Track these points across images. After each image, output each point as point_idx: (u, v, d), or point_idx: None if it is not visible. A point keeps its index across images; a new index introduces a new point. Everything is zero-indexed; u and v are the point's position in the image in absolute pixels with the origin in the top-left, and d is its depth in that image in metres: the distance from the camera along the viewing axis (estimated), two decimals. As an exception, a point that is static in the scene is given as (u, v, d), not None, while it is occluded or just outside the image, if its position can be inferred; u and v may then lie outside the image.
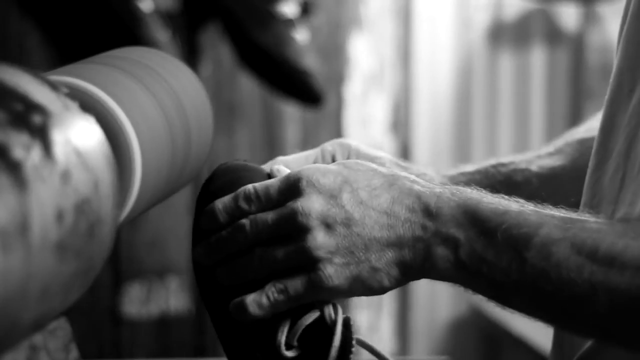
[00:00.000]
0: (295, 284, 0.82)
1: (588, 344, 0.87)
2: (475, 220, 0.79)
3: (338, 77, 2.44)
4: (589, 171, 0.90)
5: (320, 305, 0.83)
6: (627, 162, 0.84)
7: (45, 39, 1.92)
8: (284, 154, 2.34)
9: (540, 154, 1.06)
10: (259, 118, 2.32)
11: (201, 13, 2.11)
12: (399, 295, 2.64)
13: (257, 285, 0.83)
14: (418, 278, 0.83)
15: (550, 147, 1.07)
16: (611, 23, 2.61)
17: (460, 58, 2.64)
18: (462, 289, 0.82)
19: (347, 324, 0.83)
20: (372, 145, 1.02)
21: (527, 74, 2.67)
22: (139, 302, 2.17)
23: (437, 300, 2.65)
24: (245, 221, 0.83)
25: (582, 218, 0.78)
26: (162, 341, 2.20)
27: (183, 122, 0.88)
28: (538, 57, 2.67)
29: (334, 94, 2.41)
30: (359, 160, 0.85)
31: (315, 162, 0.99)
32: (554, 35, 2.66)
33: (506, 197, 0.82)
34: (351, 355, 0.83)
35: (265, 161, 0.98)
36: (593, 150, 0.90)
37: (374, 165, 0.85)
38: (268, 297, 0.82)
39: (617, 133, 0.86)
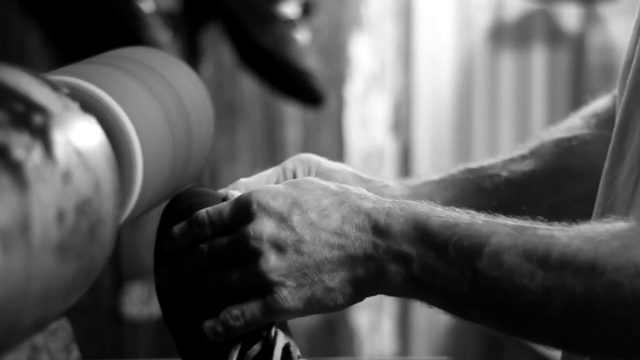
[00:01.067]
0: (251, 309, 0.83)
1: None
2: (425, 234, 0.80)
3: (339, 78, 2.44)
4: (603, 172, 0.89)
5: (266, 329, 0.84)
6: None
7: (46, 39, 1.92)
8: (285, 154, 2.35)
9: (513, 157, 1.05)
10: (260, 118, 2.32)
11: (202, 13, 2.10)
12: (400, 295, 2.64)
13: (218, 307, 0.84)
14: (373, 294, 0.84)
15: (525, 149, 1.06)
16: (612, 23, 2.61)
17: (461, 58, 2.64)
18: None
19: (286, 350, 0.84)
20: (373, 146, 1.02)
21: (528, 74, 2.67)
22: (140, 302, 2.17)
23: (438, 301, 2.65)
24: (202, 246, 0.85)
25: (534, 225, 0.79)
26: (163, 342, 2.20)
27: (184, 122, 0.88)
28: (539, 58, 2.67)
29: (335, 94, 2.41)
30: (310, 178, 0.86)
31: (277, 181, 1.00)
32: (555, 35, 2.66)
33: (457, 209, 0.82)
34: None
35: (266, 162, 0.98)
36: (608, 152, 0.89)
37: (324, 183, 0.85)
38: (224, 324, 0.83)
39: (632, 135, 0.86)
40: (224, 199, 0.90)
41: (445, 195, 1.02)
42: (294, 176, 1.00)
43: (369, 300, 2.44)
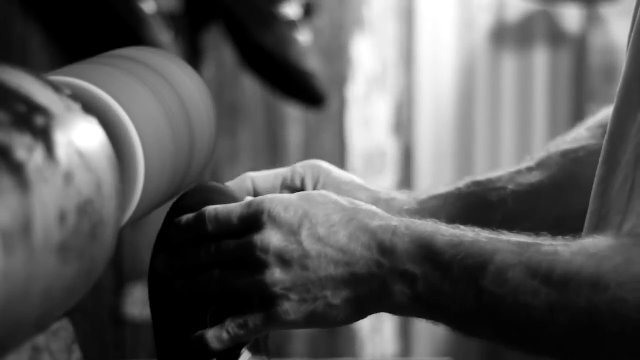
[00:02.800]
0: (255, 319, 0.84)
1: None
2: (430, 253, 0.80)
3: (341, 79, 2.44)
4: (596, 180, 0.89)
5: (239, 347, 0.86)
6: (636, 172, 0.84)
7: (48, 40, 1.92)
8: (286, 155, 2.35)
9: (520, 169, 1.05)
10: (262, 119, 2.32)
11: (204, 14, 2.11)
12: (402, 296, 2.63)
13: (209, 303, 0.86)
14: (376, 312, 0.84)
15: (532, 161, 1.06)
16: (614, 24, 2.61)
17: (463, 59, 2.64)
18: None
19: None
20: (375, 147, 1.02)
21: (530, 76, 2.67)
22: (142, 303, 2.17)
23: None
24: (209, 244, 0.85)
25: (537, 242, 0.79)
26: (165, 342, 2.20)
27: (186, 123, 0.88)
28: (541, 59, 2.67)
29: (337, 95, 2.41)
30: (323, 192, 0.86)
31: (284, 182, 1.00)
32: (556, 36, 2.66)
33: (461, 226, 0.82)
34: None
35: (267, 162, 0.98)
36: (601, 160, 0.89)
37: (335, 198, 0.86)
38: (228, 332, 0.84)
39: (626, 142, 0.86)
40: (236, 200, 0.91)
41: (452, 209, 1.02)
42: (302, 182, 1.00)
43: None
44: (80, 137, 0.68)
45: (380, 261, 0.81)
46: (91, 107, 0.74)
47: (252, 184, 0.99)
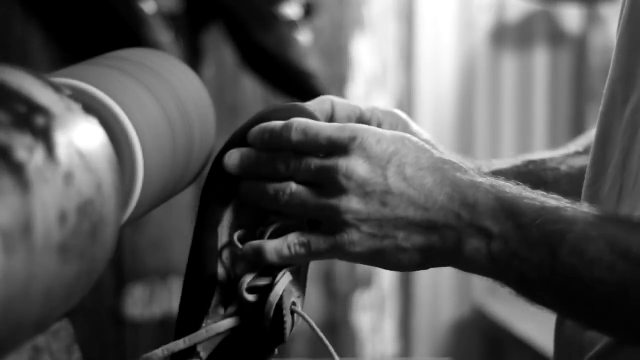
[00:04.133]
0: (318, 242, 0.82)
1: (600, 345, 0.87)
2: (511, 213, 0.79)
3: (341, 79, 2.44)
4: (585, 184, 0.89)
5: (279, 269, 0.84)
6: (623, 175, 0.84)
7: (49, 41, 1.92)
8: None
9: (569, 153, 1.05)
10: (262, 120, 2.32)
11: (204, 15, 2.11)
12: (402, 297, 2.64)
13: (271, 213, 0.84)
14: (441, 265, 0.83)
15: (579, 146, 1.06)
16: (614, 24, 2.61)
17: (463, 59, 2.64)
18: (487, 279, 0.81)
19: (282, 298, 0.84)
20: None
21: (530, 76, 2.67)
22: (142, 303, 2.17)
23: (440, 302, 2.65)
24: (291, 155, 0.83)
25: (617, 217, 0.78)
26: (165, 342, 2.20)
27: (186, 123, 0.89)
28: (541, 59, 2.67)
29: (337, 95, 2.41)
30: (413, 138, 0.84)
31: (361, 118, 0.96)
32: (556, 36, 2.66)
33: (544, 193, 0.81)
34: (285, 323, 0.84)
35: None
36: (589, 163, 0.89)
37: (427, 146, 0.84)
38: (289, 248, 0.83)
39: (613, 145, 0.86)
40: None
41: None
42: (379, 126, 0.97)
43: (370, 301, 2.44)
44: (81, 138, 0.68)
45: (460, 214, 0.80)
46: (91, 108, 0.75)
47: (332, 107, 0.95)
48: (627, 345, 0.84)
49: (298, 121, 0.84)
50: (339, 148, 0.82)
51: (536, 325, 2.38)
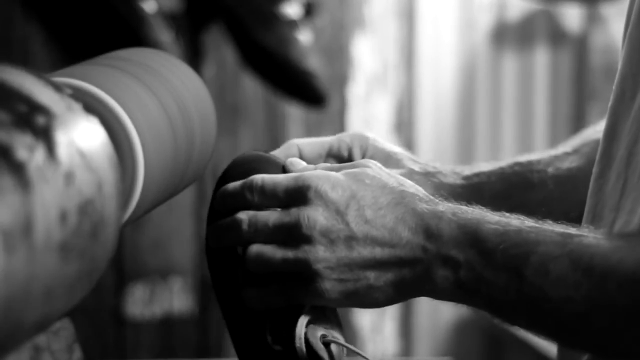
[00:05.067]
0: (294, 291, 0.83)
1: None
2: (474, 240, 0.80)
3: (341, 78, 2.44)
4: (592, 177, 0.89)
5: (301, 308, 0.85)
6: (628, 169, 0.84)
7: (49, 40, 1.92)
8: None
9: (557, 154, 1.06)
10: (263, 119, 2.32)
11: (204, 14, 2.11)
12: (403, 296, 2.63)
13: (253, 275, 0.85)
14: (416, 296, 0.84)
15: (568, 147, 1.06)
16: (615, 24, 2.61)
17: (464, 59, 2.64)
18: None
19: (307, 335, 0.85)
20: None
21: (531, 75, 2.67)
22: (143, 303, 2.17)
23: (441, 302, 2.65)
24: (244, 217, 0.84)
25: (580, 233, 0.78)
26: (166, 342, 2.20)
27: (186, 123, 0.89)
28: (541, 58, 2.67)
29: (338, 94, 2.41)
30: (369, 172, 0.85)
31: (330, 150, 0.99)
32: (557, 36, 2.66)
33: (507, 214, 0.82)
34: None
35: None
36: (597, 157, 0.89)
37: (384, 180, 0.85)
38: (268, 297, 0.84)
39: (620, 140, 0.86)
40: (284, 168, 0.90)
41: (495, 187, 1.02)
42: (349, 152, 0.99)
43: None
44: (81, 137, 0.68)
45: (425, 246, 0.81)
46: (92, 107, 0.75)
47: (298, 151, 0.98)
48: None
49: (255, 179, 0.86)
50: (297, 199, 0.83)
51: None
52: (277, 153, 0.96)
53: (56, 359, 0.71)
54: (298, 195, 0.83)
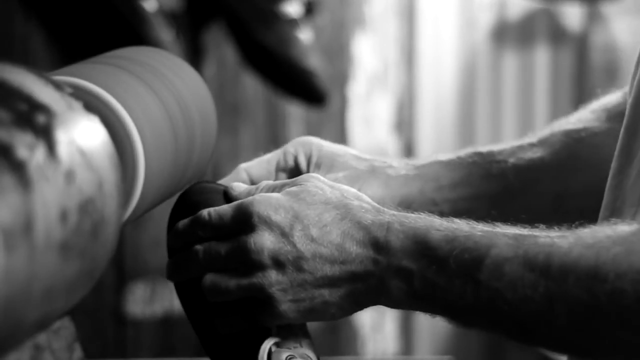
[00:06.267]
0: (255, 315, 0.84)
1: None
2: (425, 249, 0.80)
3: (342, 77, 2.44)
4: (611, 173, 0.89)
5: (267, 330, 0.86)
6: None
7: (50, 39, 1.92)
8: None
9: (522, 145, 1.05)
10: (263, 118, 2.32)
11: (205, 13, 2.10)
12: (403, 295, 2.63)
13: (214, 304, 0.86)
14: (372, 306, 0.84)
15: (534, 137, 1.05)
16: (615, 23, 2.60)
17: (464, 58, 2.64)
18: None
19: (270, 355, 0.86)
20: (376, 146, 1.01)
21: (531, 74, 2.67)
22: (143, 301, 2.17)
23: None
24: (199, 248, 0.86)
25: (534, 234, 0.78)
26: (166, 341, 2.20)
27: (187, 121, 0.88)
28: (542, 57, 2.66)
29: (338, 93, 2.41)
30: (311, 188, 0.85)
31: (278, 164, 1.00)
32: (558, 35, 2.66)
33: (456, 220, 0.82)
34: None
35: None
36: (616, 153, 0.89)
37: (326, 195, 0.85)
38: (234, 323, 0.85)
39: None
40: (225, 192, 0.91)
41: (452, 176, 1.01)
42: (295, 160, 1.00)
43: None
44: (82, 136, 0.68)
45: (376, 258, 0.81)
46: (92, 106, 0.74)
47: (247, 174, 0.98)
48: (562, 356, 0.85)
49: (201, 214, 0.86)
50: (243, 226, 0.84)
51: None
52: (227, 180, 0.97)
53: (57, 357, 0.71)
54: (243, 223, 0.84)
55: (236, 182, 0.93)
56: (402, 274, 0.80)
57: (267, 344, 0.85)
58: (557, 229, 0.79)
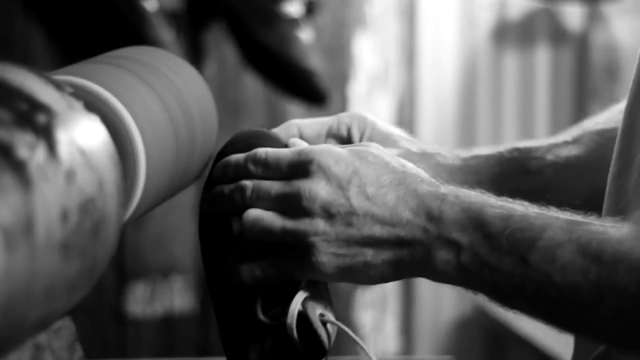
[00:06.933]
0: (289, 264, 0.83)
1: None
2: (479, 224, 0.79)
3: (342, 77, 2.44)
4: (610, 177, 0.89)
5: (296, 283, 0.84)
6: None
7: (50, 39, 1.92)
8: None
9: (557, 142, 1.05)
10: (264, 117, 2.32)
11: (206, 13, 2.11)
12: (403, 295, 2.64)
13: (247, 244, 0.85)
14: (413, 277, 0.83)
15: (568, 136, 1.05)
16: (616, 22, 2.60)
17: (465, 57, 2.64)
18: (463, 290, 0.82)
19: (303, 313, 0.84)
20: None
21: (532, 74, 2.67)
22: (144, 301, 2.17)
23: (442, 300, 2.65)
24: (248, 183, 0.84)
25: (587, 220, 0.78)
26: (167, 340, 2.20)
27: (187, 121, 0.88)
28: (542, 57, 2.66)
29: (339, 93, 2.41)
30: (373, 150, 0.85)
31: (329, 131, 0.99)
32: (558, 34, 2.66)
33: (510, 199, 0.81)
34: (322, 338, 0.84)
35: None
36: (614, 156, 0.89)
37: (387, 159, 0.84)
38: (262, 270, 0.83)
39: (639, 138, 0.85)
40: (286, 146, 0.90)
41: (492, 170, 1.01)
42: (348, 132, 0.99)
43: (372, 300, 2.45)
44: (82, 135, 0.68)
45: (426, 227, 0.80)
46: (93, 106, 0.74)
47: (298, 130, 0.97)
48: (606, 347, 0.84)
49: (258, 152, 0.86)
50: (299, 172, 0.83)
51: (538, 323, 2.38)
52: (277, 132, 0.96)
53: (57, 357, 0.71)
54: (301, 168, 0.83)
55: (297, 139, 0.92)
56: (451, 246, 0.80)
57: (301, 296, 0.83)
58: (610, 219, 0.79)
